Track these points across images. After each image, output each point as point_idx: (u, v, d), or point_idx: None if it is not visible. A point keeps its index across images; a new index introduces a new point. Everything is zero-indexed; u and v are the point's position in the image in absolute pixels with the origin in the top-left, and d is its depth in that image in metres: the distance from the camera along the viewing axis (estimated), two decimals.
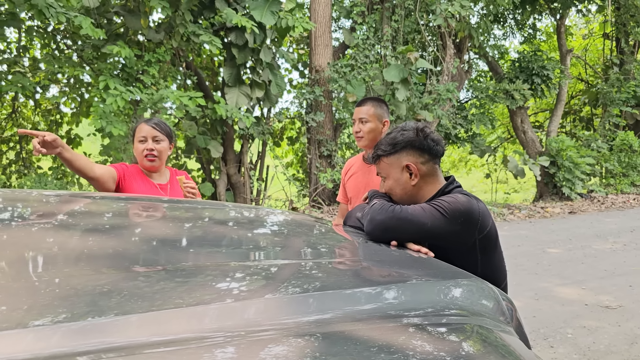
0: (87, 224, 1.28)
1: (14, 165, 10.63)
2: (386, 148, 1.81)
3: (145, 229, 1.33)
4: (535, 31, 15.14)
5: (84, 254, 0.98)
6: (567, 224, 9.66)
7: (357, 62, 10.00)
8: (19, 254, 0.94)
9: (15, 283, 0.78)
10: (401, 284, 1.02)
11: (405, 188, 1.81)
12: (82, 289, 0.76)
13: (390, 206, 1.67)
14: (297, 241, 1.38)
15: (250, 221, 1.63)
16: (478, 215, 1.66)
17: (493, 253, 1.76)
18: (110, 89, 6.58)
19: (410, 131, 1.81)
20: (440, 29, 10.72)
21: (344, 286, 0.93)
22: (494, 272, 1.76)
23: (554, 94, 14.47)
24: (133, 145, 2.60)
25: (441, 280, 1.14)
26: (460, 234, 1.65)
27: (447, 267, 1.31)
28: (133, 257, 1.01)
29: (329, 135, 10.09)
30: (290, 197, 10.08)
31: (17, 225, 1.19)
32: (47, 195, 1.68)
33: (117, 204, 1.64)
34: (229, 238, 1.30)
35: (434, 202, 1.69)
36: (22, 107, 10.95)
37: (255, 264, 1.06)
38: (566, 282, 5.55)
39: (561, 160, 12.64)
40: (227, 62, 8.73)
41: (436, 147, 1.81)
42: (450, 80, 10.71)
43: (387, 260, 1.35)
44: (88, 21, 5.43)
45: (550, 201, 12.72)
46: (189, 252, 1.11)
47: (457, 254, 1.67)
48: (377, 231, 1.61)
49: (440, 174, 1.84)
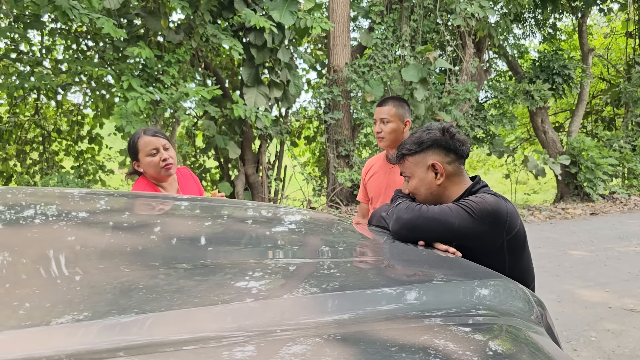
0: (105, 221, 1.28)
1: (38, 164, 10.82)
2: (411, 147, 1.80)
3: (165, 226, 1.33)
4: (555, 30, 14.92)
5: (103, 251, 0.98)
6: (589, 225, 9.50)
7: (376, 62, 9.95)
8: (41, 251, 0.94)
9: (36, 280, 0.78)
10: (428, 284, 1.00)
11: (430, 188, 1.78)
12: (103, 287, 0.76)
13: (417, 205, 1.66)
14: (320, 239, 1.37)
15: (270, 219, 1.62)
16: (506, 216, 1.63)
17: (521, 254, 1.73)
18: (133, 89, 6.64)
19: (436, 131, 1.79)
20: (460, 28, 10.62)
21: (368, 286, 0.92)
22: (522, 273, 1.73)
23: (575, 94, 14.23)
24: (138, 161, 2.46)
25: (469, 280, 1.12)
26: (488, 235, 1.63)
27: (475, 267, 1.29)
28: (152, 255, 1.00)
29: (347, 135, 10.07)
30: (308, 197, 10.08)
31: (38, 223, 1.20)
32: (69, 194, 1.70)
33: (137, 201, 1.64)
34: (250, 236, 1.29)
35: (462, 201, 1.67)
36: (45, 109, 11.13)
37: (276, 263, 1.05)
38: (589, 285, 5.45)
39: (582, 160, 12.43)
40: (245, 62, 8.76)
41: (462, 147, 1.79)
42: (469, 80, 10.60)
43: (413, 259, 1.33)
44: (110, 22, 5.49)
45: (571, 202, 12.51)
46: (208, 250, 1.11)
47: (484, 254, 1.65)
48: (403, 230, 1.59)
49: (465, 175, 1.82)
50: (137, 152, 2.44)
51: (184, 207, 1.66)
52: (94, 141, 10.77)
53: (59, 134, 11.10)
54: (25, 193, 1.57)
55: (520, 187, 15.81)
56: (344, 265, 1.08)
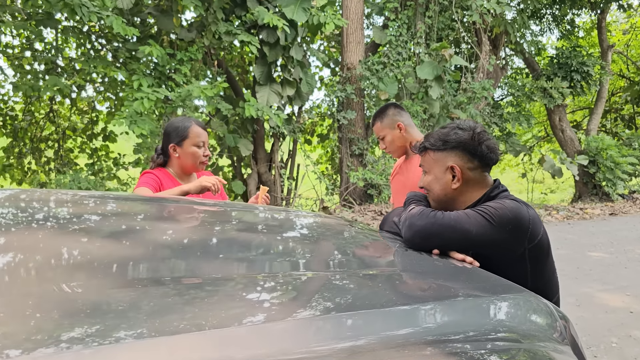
0: (103, 226, 1.21)
1: (52, 162, 10.87)
2: (435, 142, 1.68)
3: (156, 234, 1.25)
4: (573, 27, 14.65)
5: (92, 263, 0.91)
6: (608, 226, 9.29)
7: (390, 60, 9.83)
8: (33, 259, 0.88)
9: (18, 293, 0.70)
10: (445, 301, 0.91)
11: (445, 189, 1.68)
12: (90, 307, 0.68)
13: (432, 212, 1.55)
14: (327, 249, 1.29)
15: (276, 226, 1.55)
16: (528, 223, 1.52)
17: (544, 263, 1.62)
18: (143, 88, 6.62)
19: (466, 132, 1.66)
20: (476, 25, 10.45)
21: (380, 304, 0.84)
22: (546, 284, 1.63)
23: (594, 91, 13.97)
24: (181, 147, 2.43)
25: (489, 296, 1.03)
26: (508, 243, 1.52)
27: (494, 280, 1.20)
28: (137, 268, 0.93)
29: (361, 134, 9.96)
30: (321, 196, 10.00)
31: (34, 227, 1.14)
32: (76, 196, 1.64)
33: (144, 206, 1.57)
34: (254, 246, 1.21)
35: (480, 207, 1.56)
36: (60, 106, 11.18)
37: (282, 277, 0.97)
38: (609, 288, 5.29)
39: (601, 159, 12.19)
40: (258, 60, 8.69)
41: (489, 154, 1.65)
42: (485, 77, 10.44)
43: (428, 271, 1.24)
44: (119, 20, 5.45)
45: (589, 202, 12.28)
46: (211, 263, 1.03)
47: (504, 263, 1.55)
48: (417, 238, 1.49)
49: (488, 182, 1.70)
50: (184, 138, 2.43)
51: (187, 212, 1.59)
52: (108, 138, 10.80)
53: (73, 132, 11.14)
54: (28, 196, 1.51)
55: (537, 186, 15.55)
56: (352, 280, 1.00)
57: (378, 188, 9.56)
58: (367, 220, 8.62)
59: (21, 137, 10.62)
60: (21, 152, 10.57)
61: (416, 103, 9.53)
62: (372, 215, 8.96)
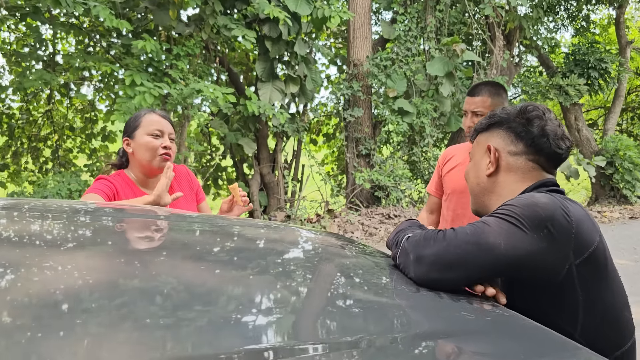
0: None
1: (50, 162, 10.58)
2: (482, 122, 1.37)
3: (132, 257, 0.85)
4: (588, 23, 14.14)
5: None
6: (629, 230, 8.81)
7: (399, 56, 9.41)
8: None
9: None
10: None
11: (479, 177, 1.31)
12: None
13: (438, 232, 1.10)
14: (316, 296, 0.88)
15: (253, 251, 1.13)
16: (570, 227, 1.05)
17: (604, 289, 1.11)
18: (137, 85, 6.26)
19: (515, 108, 1.29)
20: (489, 19, 10.00)
21: None
22: (607, 323, 1.11)
23: (613, 89, 13.45)
24: (132, 139, 2.01)
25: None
26: (547, 258, 1.04)
27: (534, 332, 0.79)
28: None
29: (368, 133, 9.54)
30: (326, 198, 9.59)
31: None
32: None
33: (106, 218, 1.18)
34: (232, 280, 0.81)
35: (499, 209, 1.11)
36: (58, 105, 10.88)
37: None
38: (636, 300, 4.82)
39: (619, 160, 11.70)
40: (260, 56, 8.30)
41: (541, 138, 1.23)
42: (499, 74, 9.98)
43: (453, 330, 0.81)
44: (107, 10, 5.07)
45: (607, 205, 11.77)
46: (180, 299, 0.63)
47: (543, 293, 1.10)
48: (433, 273, 1.02)
49: (537, 176, 1.25)
50: (136, 128, 2.00)
51: (155, 229, 1.19)
52: (107, 139, 10.50)
53: (72, 131, 10.85)
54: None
55: None
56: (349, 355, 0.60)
57: (386, 190, 9.14)
58: (374, 224, 8.20)
59: (17, 137, 10.34)
60: (17, 152, 10.29)
61: (426, 101, 9.10)
62: (380, 218, 8.54)
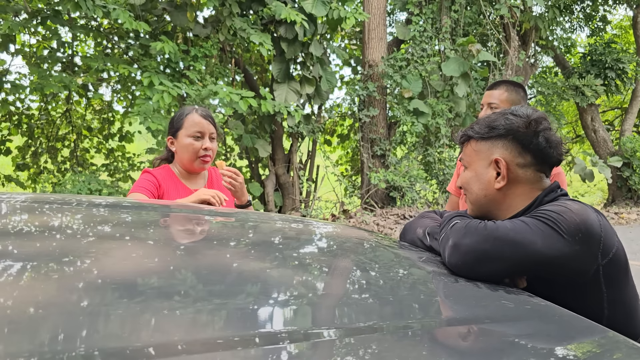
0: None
1: (68, 162, 10.73)
2: (480, 129, 1.34)
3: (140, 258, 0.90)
4: (605, 23, 14.03)
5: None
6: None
7: (414, 56, 9.42)
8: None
9: None
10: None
11: (485, 189, 1.32)
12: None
13: (480, 223, 1.18)
14: (343, 286, 0.92)
15: (276, 245, 1.18)
16: (600, 231, 1.16)
17: (624, 286, 1.24)
18: (155, 86, 6.35)
19: (520, 118, 1.29)
20: (504, 19, 9.97)
21: None
22: (627, 316, 1.24)
23: (630, 90, 13.33)
24: (175, 138, 2.10)
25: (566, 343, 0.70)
26: (578, 259, 1.15)
27: (574, 320, 0.85)
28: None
29: (383, 134, 9.56)
30: (341, 198, 9.63)
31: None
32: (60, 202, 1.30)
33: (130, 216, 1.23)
34: (251, 276, 0.85)
35: (537, 213, 1.18)
36: (76, 105, 11.04)
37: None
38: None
39: (637, 161, 11.59)
40: (276, 57, 8.37)
41: (547, 149, 1.29)
42: (514, 74, 9.94)
43: (495, 315, 0.86)
44: (126, 14, 5.16)
45: (624, 206, 11.67)
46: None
47: (569, 290, 1.20)
48: (469, 262, 1.11)
49: (542, 185, 1.32)
50: (179, 128, 2.08)
51: (188, 224, 1.24)
52: (124, 139, 10.63)
53: (90, 132, 11.01)
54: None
55: None
56: (380, 339, 0.64)
57: (401, 190, 9.15)
58: (389, 224, 8.22)
59: (37, 137, 10.52)
60: (36, 152, 10.47)
61: (441, 101, 9.11)
62: (395, 219, 8.56)
